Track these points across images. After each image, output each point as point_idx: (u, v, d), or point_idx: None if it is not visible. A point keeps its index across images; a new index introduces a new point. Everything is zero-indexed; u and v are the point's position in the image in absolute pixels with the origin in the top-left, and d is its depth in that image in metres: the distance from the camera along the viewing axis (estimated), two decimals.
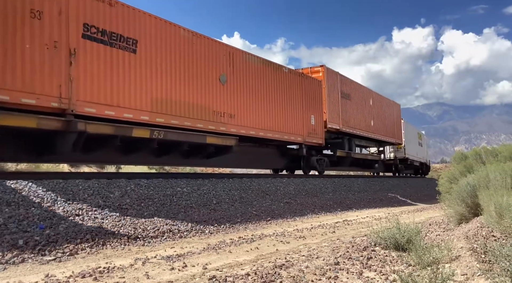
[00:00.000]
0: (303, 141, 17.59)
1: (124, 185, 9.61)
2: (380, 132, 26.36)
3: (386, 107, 28.11)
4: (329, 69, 20.44)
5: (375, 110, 25.83)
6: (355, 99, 22.91)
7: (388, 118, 28.20)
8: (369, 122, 24.59)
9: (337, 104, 20.80)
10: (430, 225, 8.70)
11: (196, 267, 5.72)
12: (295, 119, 17.09)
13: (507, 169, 6.84)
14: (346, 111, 21.62)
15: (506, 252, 4.32)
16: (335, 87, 20.85)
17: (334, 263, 5.42)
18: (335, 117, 20.49)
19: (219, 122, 13.08)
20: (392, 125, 28.79)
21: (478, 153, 10.35)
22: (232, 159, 14.65)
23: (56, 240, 6.70)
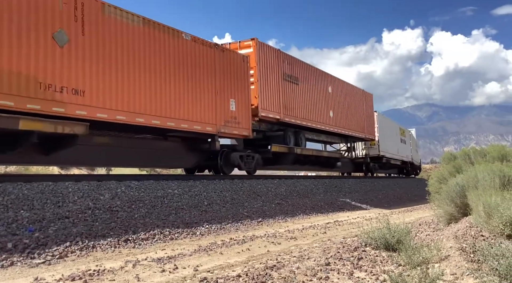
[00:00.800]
0: (216, 132, 13.47)
1: (115, 187, 9.56)
2: (344, 125, 22.67)
3: (353, 97, 24.27)
4: (264, 44, 16.45)
5: (337, 99, 22.06)
6: (306, 84, 19.13)
7: (356, 110, 24.42)
8: (327, 114, 20.85)
9: (276, 89, 16.78)
10: (420, 225, 8.77)
11: (187, 269, 5.71)
12: (200, 103, 12.90)
13: (495, 169, 6.92)
14: (291, 98, 17.70)
15: (495, 251, 4.37)
16: (274, 67, 16.83)
17: (325, 263, 5.44)
18: (273, 104, 16.51)
19: (52, 101, 9.08)
20: (361, 119, 25.01)
21: (467, 153, 10.45)
22: (94, 153, 11.16)
23: (46, 243, 6.64)
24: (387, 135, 29.51)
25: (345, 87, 23.48)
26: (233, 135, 14.68)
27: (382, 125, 28.37)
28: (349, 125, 23.33)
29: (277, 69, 16.99)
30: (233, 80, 14.46)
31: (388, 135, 29.70)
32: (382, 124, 28.69)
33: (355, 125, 24.11)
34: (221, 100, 13.83)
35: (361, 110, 25.19)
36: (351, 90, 24.28)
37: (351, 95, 24.05)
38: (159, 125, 11.55)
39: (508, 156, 9.53)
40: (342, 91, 22.97)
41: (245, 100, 14.97)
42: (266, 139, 17.09)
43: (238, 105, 14.55)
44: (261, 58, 16.04)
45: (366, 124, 25.68)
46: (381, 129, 28.04)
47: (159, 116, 11.50)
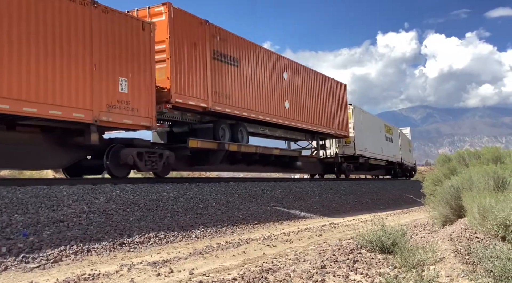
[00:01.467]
0: (92, 120, 9.87)
1: (110, 190, 9.52)
2: (307, 119, 19.13)
3: (319, 86, 20.61)
4: (182, 12, 12.71)
5: (296, 88, 18.40)
6: (249, 67, 15.39)
7: (324, 102, 20.82)
8: (281, 104, 17.13)
9: (202, 70, 13.04)
10: (415, 227, 8.80)
11: (183, 272, 5.69)
12: (64, 80, 9.28)
13: (489, 171, 6.96)
14: (226, 82, 14.08)
15: (489, 253, 4.39)
16: (198, 43, 13.08)
17: (320, 266, 5.45)
18: (197, 88, 12.79)
19: None
20: (331, 112, 21.38)
21: (462, 155, 10.51)
22: None
23: (40, 247, 6.60)
24: (367, 132, 25.71)
25: (308, 74, 19.76)
26: (124, 126, 10.92)
27: (359, 121, 24.75)
28: (314, 120, 19.70)
29: (204, 46, 13.18)
30: (126, 53, 10.77)
31: (367, 132, 25.87)
32: (360, 119, 25.01)
33: (322, 119, 20.52)
34: (102, 78, 10.14)
35: (331, 102, 21.56)
36: (316, 78, 20.51)
37: (316, 84, 20.35)
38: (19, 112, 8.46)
39: (502, 157, 9.59)
40: (304, 79, 19.23)
41: (146, 80, 11.19)
42: (192, 133, 13.71)
43: (133, 87, 10.83)
44: (178, 29, 12.27)
45: (338, 118, 22.07)
46: (358, 125, 24.50)
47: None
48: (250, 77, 15.44)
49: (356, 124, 24.25)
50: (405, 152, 36.18)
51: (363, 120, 25.65)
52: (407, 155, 36.95)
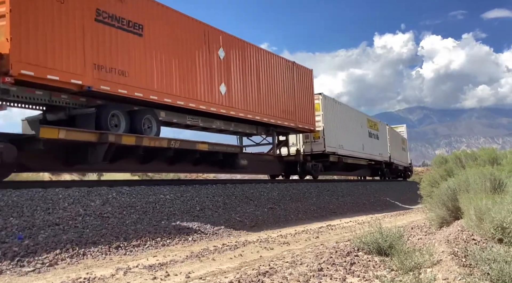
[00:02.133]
0: None
1: (106, 192, 9.48)
2: (255, 109, 15.50)
3: (275, 71, 16.88)
4: None
5: (237, 70, 14.73)
6: (161, 38, 11.89)
7: (280, 89, 17.07)
8: (213, 89, 13.64)
9: (76, 34, 9.69)
10: (412, 229, 8.79)
11: (179, 276, 5.66)
12: None
13: (486, 173, 6.96)
14: (119, 54, 10.65)
15: (486, 255, 4.38)
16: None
17: (317, 269, 5.42)
18: (66, 59, 9.47)
19: None
20: (291, 102, 17.73)
21: (458, 156, 10.53)
22: None
23: (36, 251, 6.55)
24: (342, 127, 22.38)
25: (258, 55, 16.03)
26: None
27: (331, 113, 21.34)
28: (265, 110, 16.05)
29: (80, 2, 9.89)
30: None
31: (343, 126, 22.57)
32: (332, 111, 21.54)
33: (278, 110, 16.86)
34: None
35: (291, 90, 17.78)
36: (270, 61, 16.66)
37: (270, 68, 16.60)
38: None
39: (499, 159, 9.60)
40: (251, 61, 15.51)
41: None
42: (71, 122, 10.50)
43: None
44: None
45: (301, 110, 18.45)
46: (329, 118, 21.00)
47: None
48: (163, 51, 11.91)
49: (327, 117, 20.67)
50: (397, 150, 33.42)
51: (337, 113, 22.18)
52: (399, 153, 34.21)
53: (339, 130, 22.02)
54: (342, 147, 22.16)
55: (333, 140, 21.14)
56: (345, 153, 22.50)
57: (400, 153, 35.18)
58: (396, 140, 34.23)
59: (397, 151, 33.73)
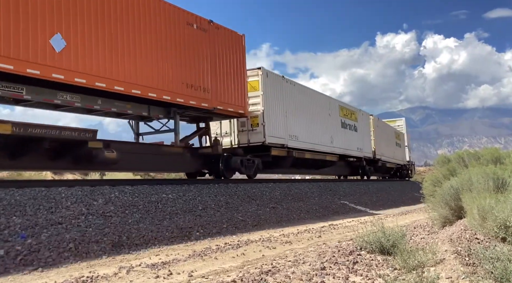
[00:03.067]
0: None
1: (108, 192, 9.49)
2: (134, 77, 10.89)
3: (175, 27, 12.19)
4: None
5: (91, 13, 9.91)
6: None
7: (186, 54, 12.44)
8: (37, 39, 8.81)
9: None
10: (415, 228, 8.77)
11: (182, 274, 5.66)
12: None
13: (489, 172, 6.94)
14: None
15: (490, 254, 4.36)
16: None
17: (320, 268, 5.41)
18: None
19: None
20: (207, 74, 13.18)
21: (461, 156, 10.49)
22: None
23: (38, 250, 6.57)
24: (295, 113, 17.71)
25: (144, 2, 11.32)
26: None
27: (276, 94, 16.45)
28: (156, 81, 11.45)
29: None
30: None
31: (297, 113, 17.88)
32: (279, 92, 16.71)
33: (180, 83, 12.15)
34: None
35: (203, 58, 13.06)
36: (162, 12, 11.91)
37: (161, 21, 11.79)
38: None
39: (502, 158, 9.57)
40: (121, 4, 10.72)
41: None
42: None
43: None
44: None
45: (223, 86, 13.73)
46: (274, 99, 16.13)
47: None
48: None
49: (270, 99, 15.85)
50: (387, 146, 29.60)
51: (288, 94, 17.41)
52: (390, 149, 30.19)
53: (290, 117, 17.24)
54: (296, 138, 17.52)
55: (279, 129, 16.36)
56: (300, 146, 17.67)
57: (393, 149, 31.30)
58: (387, 134, 30.29)
59: (388, 147, 29.87)
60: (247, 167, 15.33)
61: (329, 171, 23.79)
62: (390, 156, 30.17)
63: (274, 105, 16.33)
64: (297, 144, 17.63)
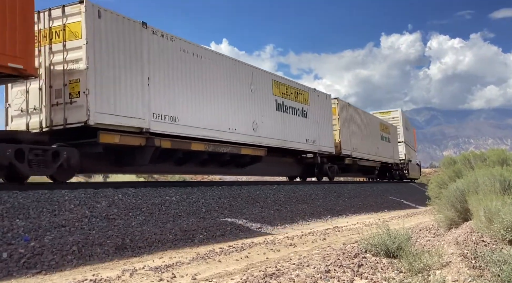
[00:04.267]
0: None
1: (112, 194, 9.47)
2: None
3: None
4: None
5: None
6: None
7: None
8: None
9: None
10: (421, 231, 8.70)
11: (185, 277, 5.63)
12: None
13: (495, 174, 6.87)
14: None
15: (496, 257, 4.30)
16: None
17: (325, 271, 5.36)
18: None
19: None
20: None
21: (467, 157, 10.41)
22: None
23: (42, 252, 6.55)
24: (167, 79, 12.14)
25: None
26: None
27: (118, 43, 10.75)
28: None
29: None
30: None
31: (174, 79, 12.37)
32: (125, 42, 10.97)
33: None
34: None
35: None
36: None
37: None
38: None
39: (508, 160, 9.49)
40: None
41: None
42: None
43: None
44: None
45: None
46: (110, 51, 10.46)
47: None
48: None
49: (103, 52, 10.27)
50: (365, 139, 24.28)
51: (151, 51, 11.67)
52: (370, 145, 24.89)
53: (158, 87, 11.75)
54: (173, 119, 12.07)
55: (128, 103, 10.74)
56: (180, 132, 12.25)
57: (375, 144, 25.82)
58: (365, 125, 24.70)
59: (366, 141, 24.41)
60: (39, 164, 9.02)
61: (257, 170, 16.98)
62: (369, 152, 24.51)
63: (118, 64, 10.60)
64: (174, 128, 12.05)
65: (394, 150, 29.89)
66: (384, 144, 27.68)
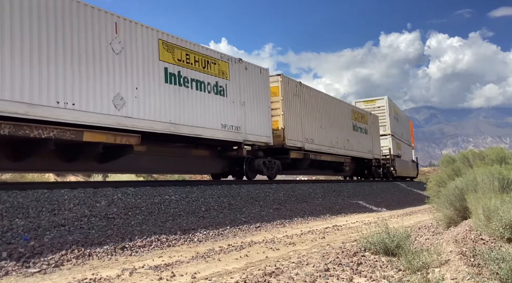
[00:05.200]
0: None
1: (111, 193, 9.48)
2: None
3: None
4: None
5: None
6: None
7: None
8: None
9: None
10: (420, 229, 8.72)
11: (185, 276, 5.63)
12: None
13: (494, 172, 6.88)
14: None
15: (495, 255, 4.32)
16: None
17: (324, 269, 5.38)
18: None
19: None
20: None
21: (466, 156, 10.42)
22: None
23: (41, 252, 6.55)
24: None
25: None
26: None
27: None
28: None
29: None
30: None
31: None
32: None
33: None
34: None
35: None
36: None
37: None
38: None
39: (507, 158, 9.50)
40: None
41: None
42: None
43: None
44: None
45: None
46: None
47: None
48: None
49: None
50: (328, 129, 20.43)
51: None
52: (337, 135, 21.16)
53: None
54: None
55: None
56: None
57: (344, 135, 22.00)
58: (328, 112, 20.66)
59: (328, 130, 20.48)
60: None
61: (126, 165, 12.25)
62: (333, 145, 20.61)
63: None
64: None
65: (374, 143, 25.44)
66: (358, 135, 23.42)
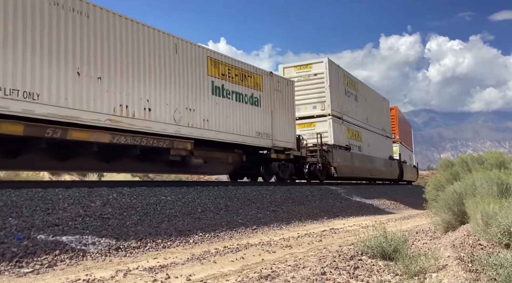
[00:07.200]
0: None
1: (106, 193, 9.40)
2: None
3: None
4: None
5: None
6: None
7: None
8: None
9: None
10: (417, 233, 8.66)
11: (180, 278, 5.57)
12: None
13: (493, 177, 6.83)
14: None
15: (493, 261, 4.27)
16: None
17: (320, 273, 5.31)
18: None
19: None
20: None
21: (465, 160, 10.38)
22: None
23: (35, 251, 6.47)
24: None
25: None
26: None
27: None
28: None
29: None
30: None
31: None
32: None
33: None
34: None
35: None
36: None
37: None
38: None
39: (506, 163, 9.46)
40: None
41: None
42: None
43: None
44: None
45: None
46: None
47: None
48: None
49: None
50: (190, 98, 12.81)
51: None
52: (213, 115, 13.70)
53: None
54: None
55: None
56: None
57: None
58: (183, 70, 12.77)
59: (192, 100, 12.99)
60: None
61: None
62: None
63: None
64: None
65: (281, 123, 17.42)
66: (228, 105, 14.62)
